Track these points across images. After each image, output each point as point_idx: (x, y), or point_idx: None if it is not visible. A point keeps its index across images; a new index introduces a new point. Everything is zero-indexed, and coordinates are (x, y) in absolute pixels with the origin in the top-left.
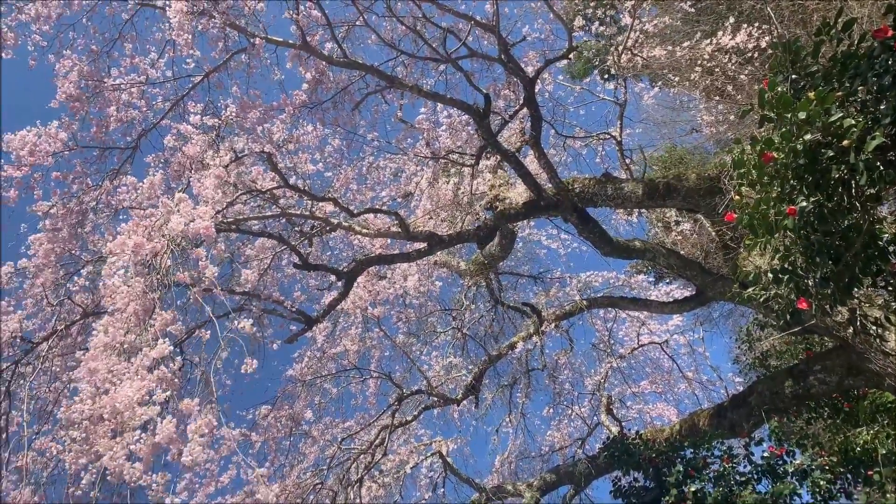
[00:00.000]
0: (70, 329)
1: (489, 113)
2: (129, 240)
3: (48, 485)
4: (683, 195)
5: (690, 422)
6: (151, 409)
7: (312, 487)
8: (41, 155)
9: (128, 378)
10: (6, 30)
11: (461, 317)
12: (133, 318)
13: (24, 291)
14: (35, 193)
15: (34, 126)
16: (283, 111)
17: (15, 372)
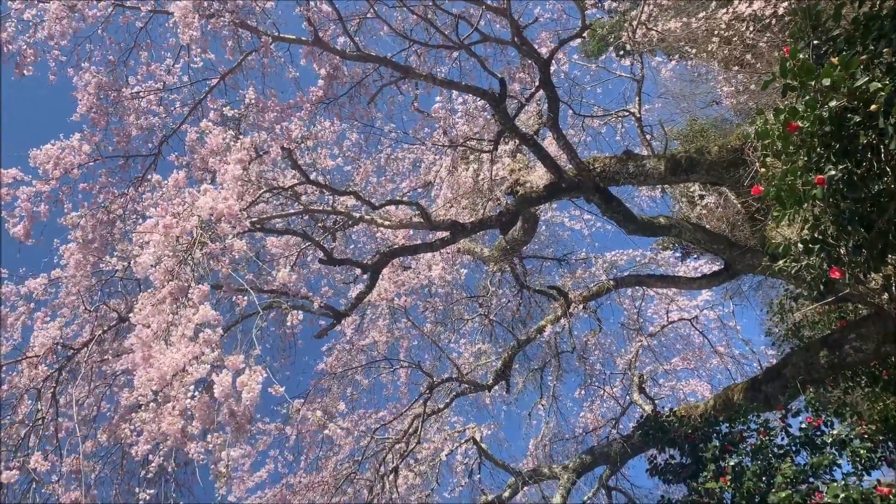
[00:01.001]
0: (106, 334)
1: (505, 97)
2: (159, 222)
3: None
4: (706, 168)
5: (724, 396)
6: (202, 367)
7: (348, 478)
8: (67, 168)
9: (173, 347)
10: (25, 47)
11: (487, 303)
12: (169, 298)
13: (60, 301)
14: (65, 206)
15: (57, 140)
16: (300, 108)
17: (59, 379)
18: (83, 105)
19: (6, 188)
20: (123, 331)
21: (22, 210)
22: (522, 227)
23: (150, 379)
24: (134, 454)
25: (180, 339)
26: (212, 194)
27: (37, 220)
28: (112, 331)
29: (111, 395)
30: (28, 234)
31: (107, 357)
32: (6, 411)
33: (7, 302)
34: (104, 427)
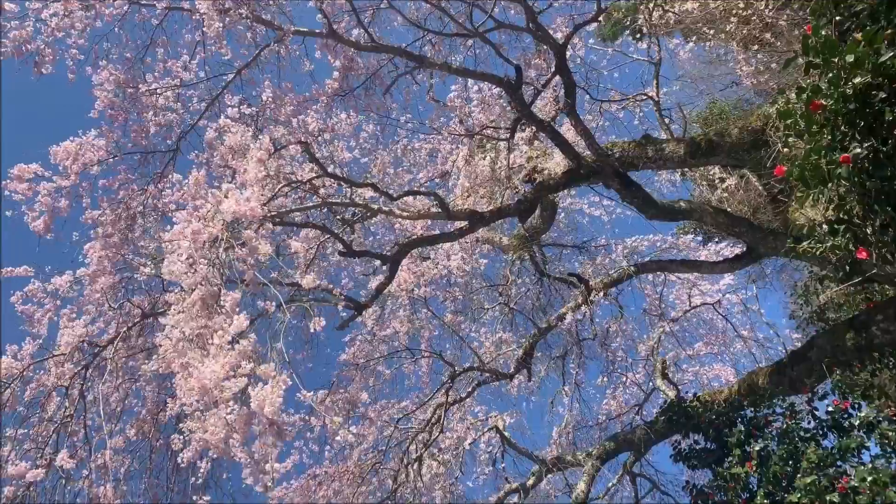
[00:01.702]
0: (131, 330)
1: (521, 84)
2: (186, 228)
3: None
4: (727, 151)
5: (749, 381)
6: (240, 380)
7: (373, 468)
8: (86, 163)
9: (211, 357)
10: (44, 46)
11: (507, 292)
12: (200, 305)
13: (85, 298)
14: (84, 202)
15: (76, 137)
16: (317, 101)
17: (85, 376)
18: (101, 102)
19: (27, 183)
20: (148, 327)
21: (42, 205)
22: (541, 214)
23: (191, 389)
24: (181, 461)
25: (218, 349)
26: (234, 196)
27: (57, 216)
28: (137, 327)
29: (138, 391)
30: (48, 229)
31: (132, 353)
32: (34, 409)
33: (34, 299)
34: (132, 422)
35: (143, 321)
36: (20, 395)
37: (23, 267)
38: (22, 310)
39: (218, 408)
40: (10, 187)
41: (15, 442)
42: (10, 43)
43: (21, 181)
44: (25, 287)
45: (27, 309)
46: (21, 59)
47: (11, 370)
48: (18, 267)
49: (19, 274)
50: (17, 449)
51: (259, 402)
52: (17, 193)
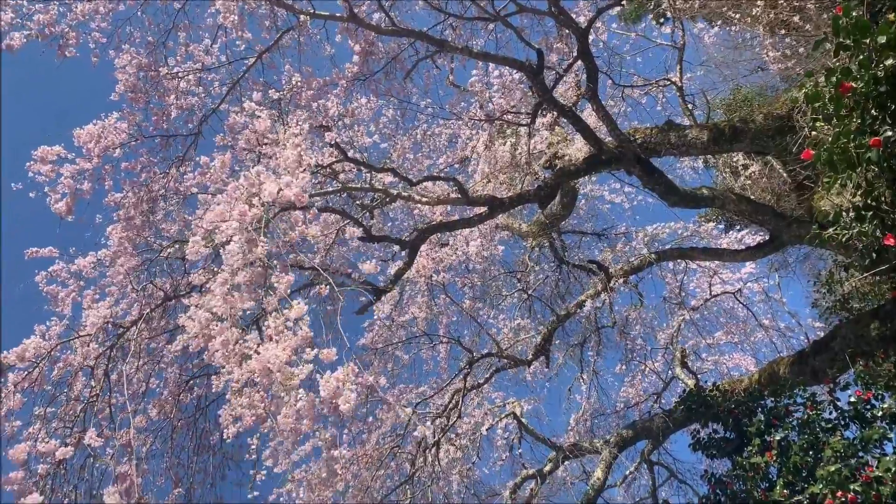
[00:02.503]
0: (153, 312)
1: (543, 69)
2: (230, 209)
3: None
4: (751, 137)
5: (770, 370)
6: (307, 366)
7: (391, 452)
8: (108, 146)
9: (272, 341)
10: (68, 29)
11: (526, 279)
12: (245, 286)
13: (108, 280)
14: (106, 185)
15: (99, 119)
16: (337, 86)
17: (110, 357)
18: (123, 84)
19: (50, 165)
20: (170, 309)
21: (65, 187)
22: (561, 201)
23: (252, 370)
24: (226, 437)
25: (278, 332)
26: (274, 181)
27: (80, 198)
28: (159, 309)
29: (160, 373)
30: (70, 211)
31: (155, 335)
32: (61, 388)
33: (58, 279)
34: (154, 403)
35: (165, 303)
36: (48, 374)
37: (47, 248)
38: (47, 290)
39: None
40: (33, 169)
41: (44, 420)
42: (35, 25)
43: (44, 163)
44: (50, 267)
45: (52, 289)
46: (46, 41)
47: (40, 350)
48: (43, 248)
49: (43, 255)
50: (46, 427)
51: (330, 392)
52: (40, 175)
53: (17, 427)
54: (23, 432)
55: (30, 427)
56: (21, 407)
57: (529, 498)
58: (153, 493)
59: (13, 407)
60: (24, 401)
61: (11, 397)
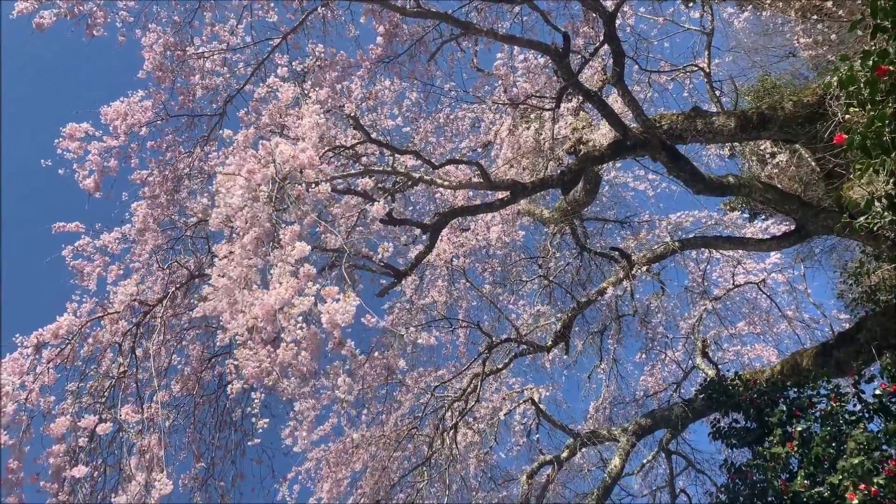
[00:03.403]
0: (178, 290)
1: (568, 52)
2: (241, 167)
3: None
4: (780, 125)
5: (792, 361)
6: (307, 299)
7: (409, 433)
8: (134, 124)
9: (276, 283)
10: (95, 8)
11: (546, 265)
12: (253, 245)
13: (133, 257)
14: (132, 162)
15: (125, 98)
16: (360, 67)
17: (137, 334)
18: (149, 63)
19: (78, 142)
20: (194, 287)
21: (92, 164)
22: (584, 187)
23: (255, 316)
24: (230, 392)
25: (281, 274)
26: (288, 146)
27: (107, 175)
28: (183, 288)
29: (181, 350)
30: (97, 188)
31: (179, 313)
32: (90, 364)
33: (84, 253)
34: (176, 378)
35: (189, 281)
36: (79, 350)
37: (74, 223)
38: (73, 265)
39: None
40: (62, 146)
41: (76, 396)
42: (64, 4)
43: (73, 140)
44: (76, 242)
45: (78, 264)
46: (74, 20)
47: (72, 327)
48: (70, 223)
49: (70, 230)
50: (77, 402)
51: (332, 321)
52: (68, 152)
53: (51, 402)
54: (56, 408)
55: (62, 403)
56: (54, 383)
57: (546, 483)
58: (175, 466)
59: (48, 382)
60: (57, 377)
61: (46, 373)
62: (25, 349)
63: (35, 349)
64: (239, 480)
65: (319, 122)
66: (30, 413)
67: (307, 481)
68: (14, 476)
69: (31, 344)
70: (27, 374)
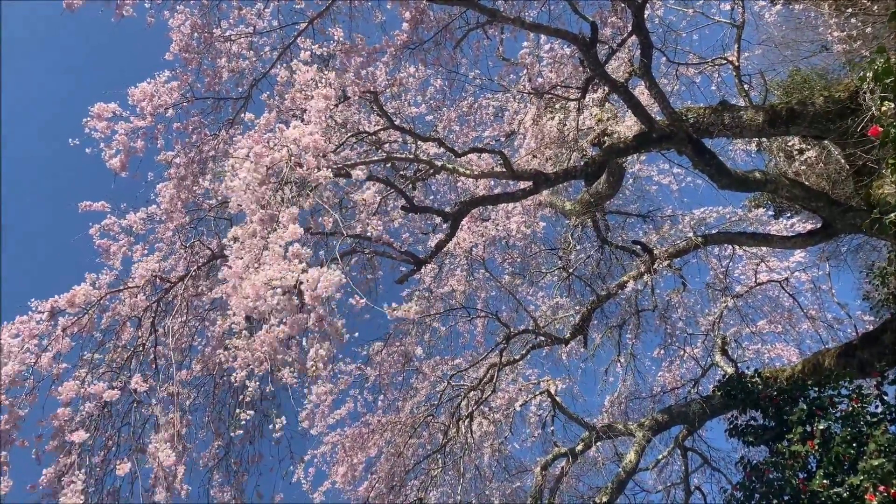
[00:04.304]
0: (199, 270)
1: (596, 42)
2: (250, 151)
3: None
4: (809, 120)
5: (814, 361)
6: (291, 275)
7: (425, 420)
8: (160, 105)
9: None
10: None
11: (567, 257)
12: (259, 226)
13: (157, 236)
14: (158, 143)
15: (152, 79)
16: (385, 53)
17: (157, 310)
18: (176, 45)
19: (105, 122)
20: (215, 267)
21: (119, 144)
22: (608, 180)
23: (246, 296)
24: (234, 380)
25: (272, 257)
26: (299, 129)
27: (133, 155)
28: (205, 268)
29: (202, 330)
30: (124, 167)
31: (200, 293)
32: (109, 336)
33: (110, 233)
34: (198, 358)
35: (210, 262)
36: (97, 321)
37: (100, 202)
38: (99, 243)
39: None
40: (89, 125)
41: (91, 365)
42: None
43: (100, 119)
44: (103, 221)
45: (104, 243)
46: (104, 1)
47: (90, 297)
48: (96, 202)
49: (96, 209)
50: (94, 372)
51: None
52: (96, 132)
53: (63, 369)
54: (70, 375)
55: (76, 370)
56: (69, 350)
57: (560, 476)
58: (195, 444)
59: (62, 350)
60: (72, 345)
61: (60, 340)
62: (39, 314)
63: (49, 315)
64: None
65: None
66: (38, 377)
67: (322, 465)
68: (7, 436)
69: (46, 309)
70: (38, 338)
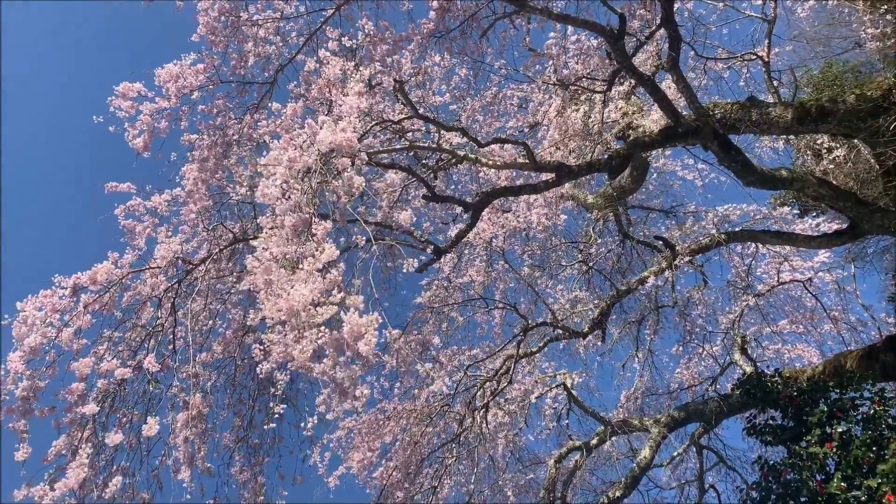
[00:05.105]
0: (222, 253)
1: (624, 34)
2: (283, 155)
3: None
4: (839, 118)
5: (836, 362)
6: (331, 307)
7: (440, 410)
8: (185, 87)
9: (300, 281)
10: None
11: (587, 250)
12: (291, 231)
13: (181, 217)
14: (182, 125)
15: (178, 60)
16: (411, 41)
17: (178, 291)
18: (203, 27)
19: (130, 102)
20: (238, 251)
21: (143, 124)
22: (631, 174)
23: (280, 309)
24: (259, 371)
25: (308, 275)
26: (330, 127)
27: (157, 136)
28: (227, 251)
29: (223, 313)
30: (147, 147)
31: (222, 276)
32: (129, 315)
33: (135, 214)
34: (218, 341)
35: (233, 245)
36: (118, 300)
37: (126, 183)
38: (124, 224)
39: (306, 331)
40: (114, 104)
41: (110, 343)
42: None
43: (125, 99)
44: (128, 202)
45: (128, 223)
46: None
47: (112, 275)
48: (122, 183)
49: (122, 190)
50: (112, 350)
51: (353, 332)
52: (120, 111)
53: (83, 344)
54: (90, 351)
55: (95, 346)
56: (90, 327)
57: (573, 469)
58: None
59: (83, 326)
60: (93, 321)
61: (81, 316)
62: (62, 289)
63: (72, 291)
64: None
65: (362, 105)
66: (58, 351)
67: (338, 450)
68: (24, 405)
69: (68, 285)
70: (60, 313)
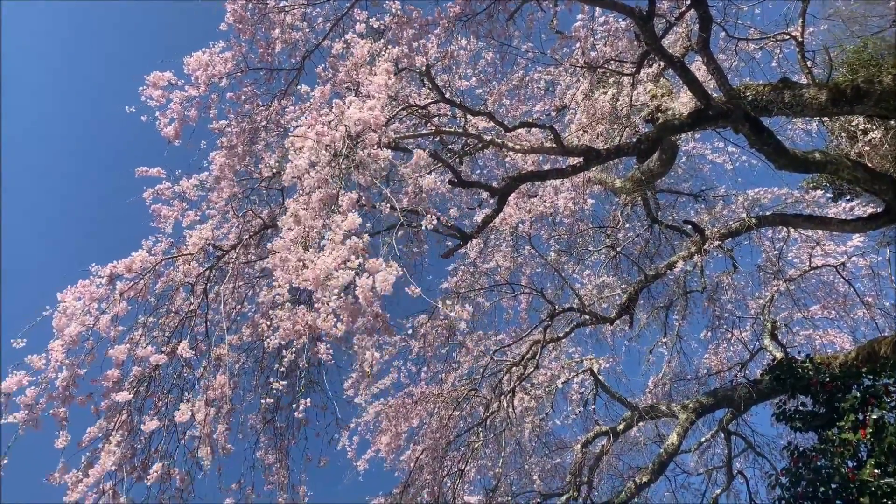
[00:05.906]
0: (251, 239)
1: (653, 16)
2: (310, 129)
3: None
4: (876, 99)
5: (869, 349)
6: (349, 272)
7: (467, 394)
8: (214, 75)
9: (327, 251)
10: None
11: (615, 235)
12: (319, 206)
13: (209, 204)
14: (211, 113)
15: (207, 48)
16: (437, 25)
17: (209, 277)
18: (231, 15)
19: (161, 90)
20: (267, 237)
21: (173, 112)
22: (660, 157)
23: (306, 280)
24: (267, 346)
25: (332, 244)
26: (357, 105)
27: (186, 124)
28: (256, 237)
29: (252, 297)
30: (177, 135)
31: (250, 261)
32: (163, 301)
33: (163, 198)
34: (246, 325)
35: (262, 231)
36: (152, 287)
37: (156, 168)
38: (153, 208)
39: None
40: (145, 93)
41: (145, 329)
42: None
43: (156, 88)
44: (157, 186)
45: (157, 207)
46: None
47: (146, 263)
48: (152, 168)
49: (152, 174)
50: (147, 336)
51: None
52: (151, 100)
53: (119, 331)
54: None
55: (131, 333)
56: (126, 314)
57: (600, 454)
58: (242, 406)
59: (119, 313)
60: (128, 308)
61: (117, 304)
62: (99, 278)
63: (109, 280)
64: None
65: (389, 82)
66: (96, 338)
67: (366, 433)
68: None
69: (105, 274)
70: (98, 301)
